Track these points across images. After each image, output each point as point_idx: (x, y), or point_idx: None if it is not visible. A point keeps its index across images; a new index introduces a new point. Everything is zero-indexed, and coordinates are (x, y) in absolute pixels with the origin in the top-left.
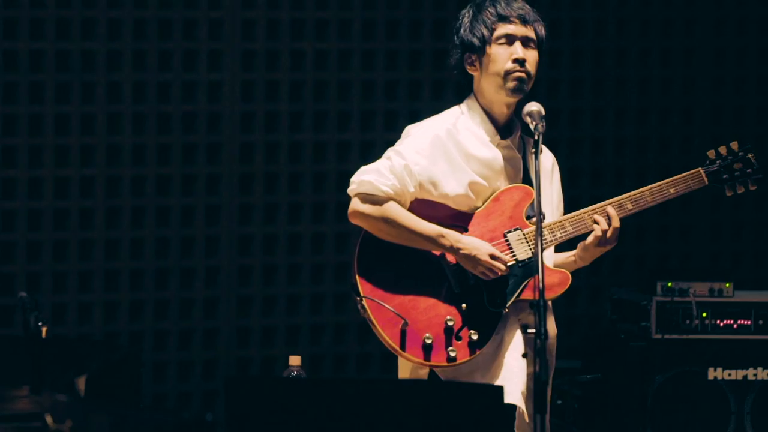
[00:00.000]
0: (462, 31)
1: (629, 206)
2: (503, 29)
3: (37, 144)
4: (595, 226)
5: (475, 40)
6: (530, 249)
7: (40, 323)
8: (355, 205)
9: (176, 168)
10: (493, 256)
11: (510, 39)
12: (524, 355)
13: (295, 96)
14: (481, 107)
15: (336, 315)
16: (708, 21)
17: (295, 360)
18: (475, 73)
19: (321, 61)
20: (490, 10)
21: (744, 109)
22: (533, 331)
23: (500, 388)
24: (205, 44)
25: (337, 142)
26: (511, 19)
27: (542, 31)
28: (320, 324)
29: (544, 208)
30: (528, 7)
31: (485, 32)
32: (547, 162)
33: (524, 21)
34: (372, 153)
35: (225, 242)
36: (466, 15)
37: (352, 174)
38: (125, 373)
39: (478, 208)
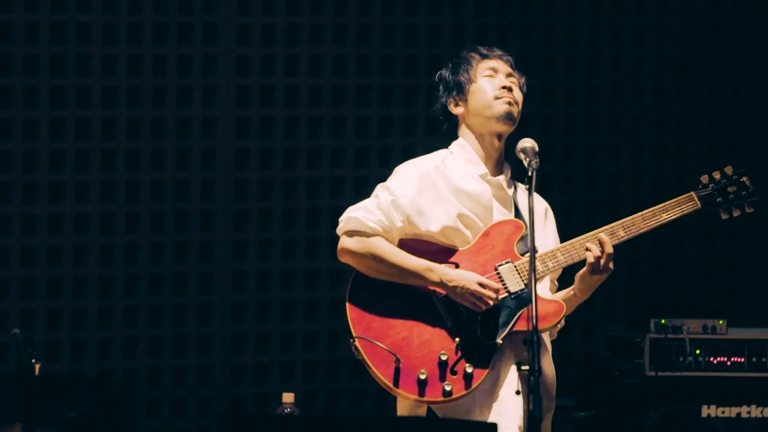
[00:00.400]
0: (445, 78)
1: (622, 233)
2: (487, 64)
3: (32, 181)
4: (587, 254)
5: (462, 78)
6: (522, 281)
7: (33, 360)
8: (343, 242)
9: (170, 204)
10: (482, 285)
11: (495, 71)
12: (517, 392)
13: (290, 132)
14: (471, 146)
15: (330, 352)
16: (704, 59)
17: (288, 397)
18: (461, 112)
19: (315, 97)
20: (471, 53)
21: (738, 145)
22: (527, 368)
23: (494, 426)
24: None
25: (331, 178)
26: (493, 57)
27: (522, 80)
28: (314, 361)
29: (536, 243)
30: (510, 57)
31: (470, 70)
32: (540, 207)
33: (506, 61)
34: (366, 189)
35: (219, 279)
36: (445, 69)
37: (346, 210)
38: (119, 410)
39: (469, 243)
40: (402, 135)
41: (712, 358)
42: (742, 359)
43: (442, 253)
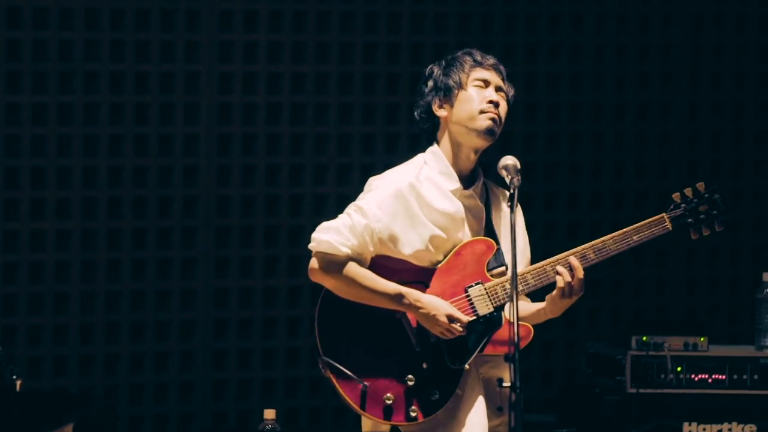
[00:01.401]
0: (435, 75)
1: (592, 256)
2: (479, 74)
3: (14, 197)
4: (558, 278)
5: (451, 82)
6: (491, 304)
7: (14, 376)
8: (314, 264)
9: (152, 220)
10: (450, 318)
11: (486, 83)
12: (499, 409)
13: (272, 149)
14: (445, 155)
15: (312, 369)
16: (684, 75)
17: (270, 413)
18: (444, 116)
19: (297, 114)
20: (466, 57)
21: (720, 163)
22: (508, 384)
23: None
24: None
25: (313, 195)
26: (487, 66)
27: (511, 92)
28: (296, 377)
29: (508, 258)
30: (502, 66)
31: (462, 75)
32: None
33: (498, 71)
34: (347, 206)
35: (201, 295)
36: (437, 66)
37: (319, 225)
38: (101, 426)
39: (440, 262)
40: (384, 152)
41: (693, 375)
42: (723, 376)
43: (413, 272)
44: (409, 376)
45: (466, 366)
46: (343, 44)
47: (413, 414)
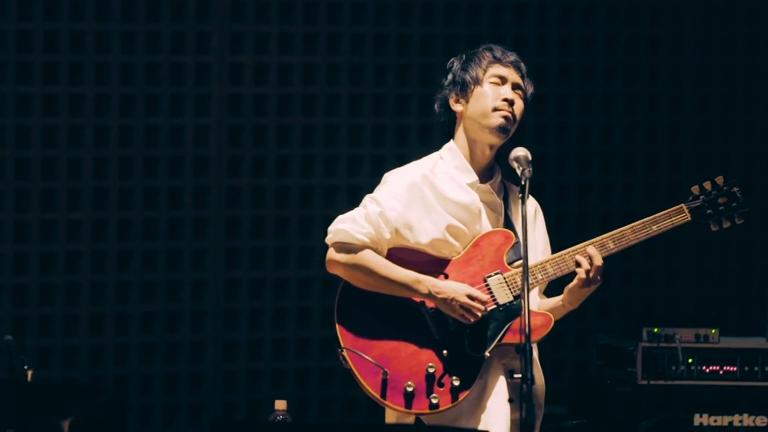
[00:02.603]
0: (454, 69)
1: (611, 246)
2: (497, 70)
3: (25, 187)
4: (578, 269)
5: (468, 78)
6: (511, 293)
7: (25, 367)
8: (331, 254)
9: (163, 212)
10: (471, 297)
11: (502, 80)
12: (510, 401)
13: (283, 140)
14: (462, 151)
15: (322, 360)
16: (696, 68)
17: (280, 404)
18: (460, 111)
19: (308, 106)
20: (486, 52)
21: (731, 156)
22: (519, 376)
23: None
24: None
25: (324, 186)
26: (506, 63)
27: (530, 89)
28: (306, 369)
29: (529, 255)
30: (523, 63)
31: (479, 71)
32: (530, 208)
33: (518, 69)
34: (359, 198)
35: (211, 286)
36: (457, 59)
37: (335, 219)
38: (111, 417)
39: (459, 253)
40: (395, 144)
41: (704, 367)
42: (734, 368)
43: (431, 263)
44: (430, 363)
45: (487, 354)
46: (354, 35)
47: (435, 401)
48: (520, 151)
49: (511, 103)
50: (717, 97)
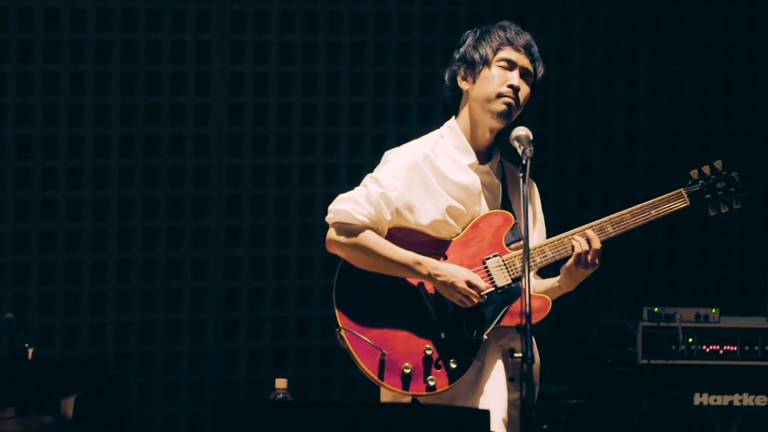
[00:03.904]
0: (465, 46)
1: (610, 229)
2: (507, 53)
3: (25, 165)
4: (574, 244)
5: (477, 56)
6: (509, 275)
7: (26, 345)
8: (332, 234)
9: (163, 190)
10: (469, 283)
11: (510, 65)
12: (511, 379)
13: (283, 119)
14: (463, 130)
15: (322, 338)
16: (698, 48)
17: (281, 383)
18: (466, 89)
19: (309, 84)
20: (499, 32)
21: (732, 136)
22: (519, 355)
23: (487, 413)
24: (193, 67)
25: (325, 165)
26: (517, 46)
27: (540, 72)
28: (306, 347)
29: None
30: (535, 45)
31: (489, 51)
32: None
33: (529, 53)
34: (359, 177)
35: (212, 265)
36: (472, 34)
37: (336, 198)
38: (112, 395)
39: (458, 234)
40: (396, 123)
41: (704, 347)
42: (735, 348)
43: (430, 244)
44: (427, 345)
45: (485, 336)
46: (356, 14)
47: (432, 383)
48: (521, 131)
49: (516, 89)
50: (718, 76)
